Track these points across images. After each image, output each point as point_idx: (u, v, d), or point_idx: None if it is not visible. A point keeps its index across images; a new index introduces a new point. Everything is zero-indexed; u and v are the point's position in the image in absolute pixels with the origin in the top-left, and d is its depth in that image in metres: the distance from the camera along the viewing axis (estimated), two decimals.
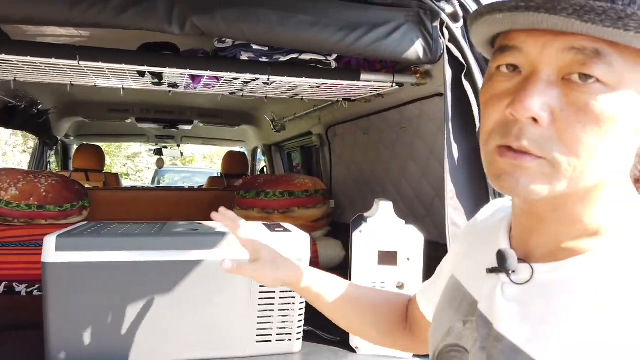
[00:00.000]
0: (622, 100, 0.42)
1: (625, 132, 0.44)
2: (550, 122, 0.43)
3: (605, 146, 0.43)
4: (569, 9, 0.40)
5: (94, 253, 1.04)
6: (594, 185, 0.46)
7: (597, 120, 0.42)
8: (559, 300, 0.46)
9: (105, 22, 1.00)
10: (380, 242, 1.21)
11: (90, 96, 2.64)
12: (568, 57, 0.43)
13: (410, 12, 1.19)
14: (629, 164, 0.48)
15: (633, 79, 0.42)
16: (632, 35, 0.39)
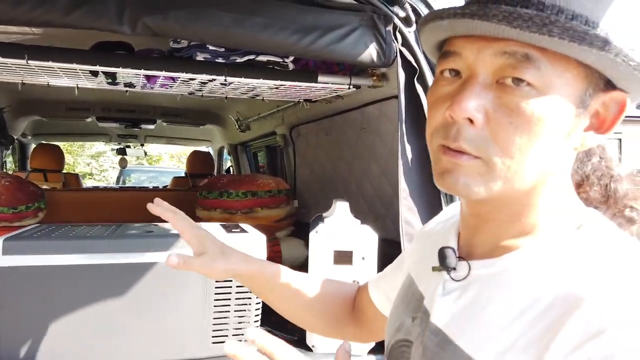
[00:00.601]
0: (551, 104, 0.45)
1: (555, 135, 0.46)
2: (484, 123, 0.46)
3: (537, 148, 0.45)
4: (499, 16, 0.43)
5: (43, 257, 1.02)
6: (531, 187, 0.48)
7: (527, 122, 0.44)
8: (488, 294, 0.49)
9: (54, 21, 0.98)
10: (336, 242, 1.23)
11: (47, 94, 2.56)
12: (501, 61, 0.45)
13: (365, 16, 1.21)
14: (565, 168, 0.51)
15: (562, 84, 0.45)
16: (557, 41, 0.42)
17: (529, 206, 0.50)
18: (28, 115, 3.02)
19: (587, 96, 0.46)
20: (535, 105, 0.44)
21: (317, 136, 2.33)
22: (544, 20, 0.42)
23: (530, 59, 0.44)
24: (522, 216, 0.50)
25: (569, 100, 0.45)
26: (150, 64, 1.22)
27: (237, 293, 1.16)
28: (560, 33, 0.42)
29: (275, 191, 2.21)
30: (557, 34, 0.42)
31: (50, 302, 1.03)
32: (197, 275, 1.13)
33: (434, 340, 0.52)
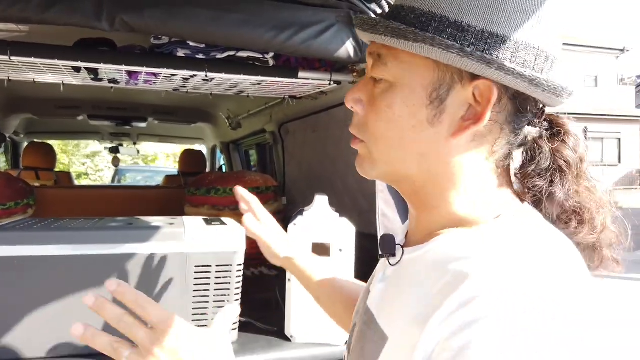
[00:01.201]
0: (400, 94, 0.52)
1: (410, 121, 0.52)
2: (364, 112, 0.56)
3: (394, 132, 0.53)
4: (359, 23, 0.54)
5: (24, 247, 1.05)
6: (423, 173, 0.54)
7: (382, 110, 0.53)
8: (409, 275, 0.54)
9: (31, 18, 1.00)
10: (313, 235, 1.26)
11: (36, 92, 2.58)
12: (370, 60, 0.55)
13: (341, 13, 1.24)
14: (468, 159, 0.53)
15: (409, 77, 0.52)
16: (382, 37, 0.51)
17: (444, 196, 0.54)
18: (19, 114, 3.04)
19: (444, 85, 0.51)
20: (387, 96, 0.53)
21: (304, 133, 2.35)
22: (374, 22, 0.51)
23: (380, 57, 0.53)
24: (442, 206, 0.54)
25: (418, 90, 0.51)
26: (131, 60, 1.25)
27: (216, 284, 1.18)
28: (383, 31, 0.50)
29: (263, 188, 2.23)
30: (382, 32, 0.50)
31: (31, 292, 1.06)
32: (176, 266, 1.16)
33: (364, 319, 0.58)
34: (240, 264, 1.20)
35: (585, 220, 0.54)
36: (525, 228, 0.50)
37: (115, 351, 0.52)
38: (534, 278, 0.43)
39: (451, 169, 0.53)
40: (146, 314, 0.54)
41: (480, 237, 0.49)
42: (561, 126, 0.56)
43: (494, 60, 0.47)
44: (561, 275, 0.44)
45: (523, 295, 0.41)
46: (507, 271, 0.43)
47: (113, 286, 0.55)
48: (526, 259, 0.45)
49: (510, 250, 0.46)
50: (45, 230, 1.10)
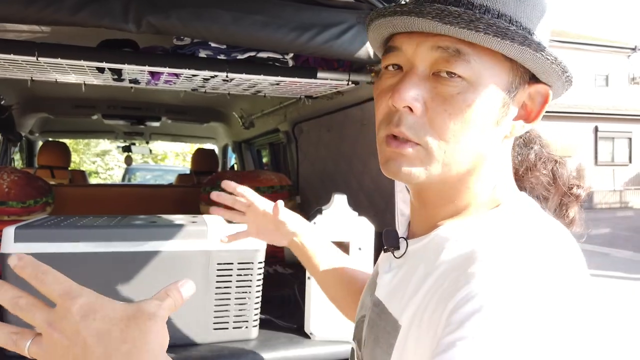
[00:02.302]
0: (480, 94, 0.50)
1: (484, 122, 0.51)
2: (423, 111, 0.51)
3: (468, 133, 0.51)
4: (432, 13, 0.48)
5: (52, 244, 1.07)
6: (466, 171, 0.53)
7: (459, 110, 0.50)
8: (415, 265, 0.55)
9: (61, 20, 1.03)
10: (333, 233, 1.27)
11: (55, 92, 2.62)
12: (436, 54, 0.50)
13: (362, 14, 1.25)
14: (497, 155, 0.55)
15: (489, 75, 0.50)
16: (482, 36, 0.47)
17: (463, 189, 0.55)
18: (36, 113, 3.08)
19: (513, 88, 0.52)
20: (466, 95, 0.50)
21: (318, 132, 2.37)
22: (470, 17, 0.47)
23: (460, 53, 0.49)
24: (456, 198, 0.55)
25: (496, 91, 0.51)
26: (154, 60, 1.27)
27: (238, 282, 1.20)
28: (485, 28, 0.47)
29: (278, 187, 2.26)
30: (483, 29, 0.47)
31: None
32: (199, 264, 1.18)
33: (375, 310, 0.59)
34: (261, 262, 1.22)
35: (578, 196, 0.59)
36: (524, 215, 0.52)
37: (15, 344, 0.42)
38: (537, 268, 0.44)
39: (493, 165, 0.54)
40: (47, 289, 0.43)
41: (482, 224, 0.51)
42: None
43: (560, 63, 0.50)
44: (557, 261, 0.46)
45: (527, 285, 0.43)
46: (510, 262, 0.44)
47: (14, 261, 0.43)
48: (524, 244, 0.46)
49: (509, 236, 0.47)
50: (73, 227, 1.12)
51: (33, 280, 0.43)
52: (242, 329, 1.22)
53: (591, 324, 0.44)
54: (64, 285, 0.43)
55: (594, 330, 0.44)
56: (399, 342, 0.52)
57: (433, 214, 0.57)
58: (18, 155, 3.80)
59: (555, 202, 0.61)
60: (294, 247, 0.94)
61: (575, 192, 0.62)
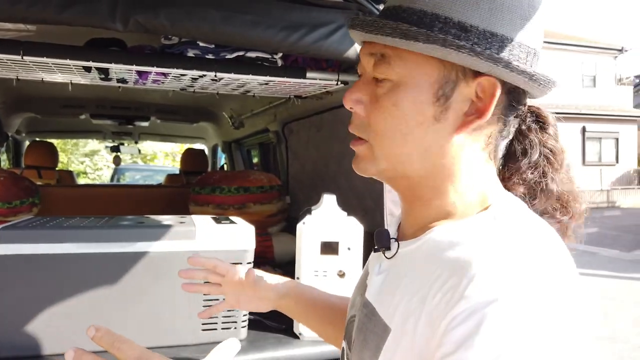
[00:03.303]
0: (406, 93, 0.53)
1: (416, 118, 0.54)
2: (365, 112, 0.57)
3: (402, 128, 0.54)
4: (360, 24, 0.54)
5: (38, 245, 1.06)
6: (431, 168, 0.55)
7: (388, 108, 0.54)
8: (406, 268, 0.56)
9: (48, 19, 1.01)
10: (322, 233, 1.27)
11: (42, 91, 2.59)
12: (371, 60, 0.56)
13: (351, 14, 1.25)
14: (466, 154, 0.55)
15: (415, 75, 0.53)
16: (390, 39, 0.52)
17: (441, 189, 0.56)
18: (22, 113, 3.04)
19: (449, 82, 0.53)
20: (392, 94, 0.54)
21: (308, 132, 2.36)
22: (379, 23, 0.52)
23: (384, 57, 0.54)
24: (437, 199, 0.56)
25: (425, 87, 0.53)
26: (142, 59, 1.26)
27: None
28: (391, 32, 0.51)
29: (268, 187, 2.25)
30: (389, 33, 0.51)
31: (44, 289, 1.07)
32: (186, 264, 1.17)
33: (364, 312, 0.59)
34: (250, 262, 1.22)
35: (569, 209, 0.57)
36: (516, 218, 0.52)
37: None
38: (529, 267, 0.45)
39: (451, 161, 0.55)
40: (124, 356, 0.54)
41: (475, 228, 0.51)
42: (544, 117, 0.60)
43: (501, 58, 0.51)
44: (553, 265, 0.47)
45: (521, 282, 0.43)
46: (503, 261, 0.45)
47: (92, 332, 0.55)
48: (520, 248, 0.47)
49: (505, 240, 0.48)
50: (59, 228, 1.11)
51: (111, 348, 0.54)
52: (231, 330, 1.22)
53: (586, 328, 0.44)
54: (137, 352, 0.54)
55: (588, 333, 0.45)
56: (388, 346, 0.52)
57: (420, 215, 0.58)
58: (5, 155, 3.74)
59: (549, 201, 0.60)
60: (282, 309, 0.91)
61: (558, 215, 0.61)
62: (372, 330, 0.56)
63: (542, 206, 0.57)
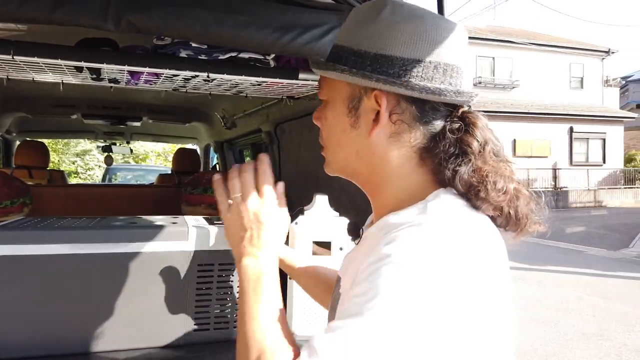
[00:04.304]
0: (331, 108, 0.71)
1: (341, 126, 0.69)
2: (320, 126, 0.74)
3: (335, 137, 0.71)
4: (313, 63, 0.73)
5: (29, 246, 1.05)
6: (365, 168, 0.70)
7: (325, 121, 0.72)
8: (363, 245, 0.71)
9: (39, 18, 1.01)
10: (315, 233, 1.28)
11: (33, 91, 2.57)
12: None
13: (343, 15, 1.26)
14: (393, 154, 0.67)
15: (335, 95, 0.70)
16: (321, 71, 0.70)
17: (380, 185, 0.69)
18: (13, 112, 3.01)
19: (356, 97, 0.68)
20: (325, 111, 0.72)
21: (300, 133, 2.37)
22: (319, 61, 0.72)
23: (319, 83, 0.73)
24: (382, 193, 0.69)
25: (340, 103, 0.69)
26: (134, 60, 1.26)
27: (219, 282, 1.20)
28: (323, 66, 0.69)
29: None
30: (323, 67, 0.69)
31: (35, 291, 1.06)
32: (179, 264, 1.17)
33: (337, 288, 0.75)
34: None
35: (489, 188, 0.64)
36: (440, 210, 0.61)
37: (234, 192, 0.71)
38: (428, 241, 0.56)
39: (381, 161, 0.68)
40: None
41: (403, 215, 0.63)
42: (471, 120, 0.68)
43: (375, 76, 0.64)
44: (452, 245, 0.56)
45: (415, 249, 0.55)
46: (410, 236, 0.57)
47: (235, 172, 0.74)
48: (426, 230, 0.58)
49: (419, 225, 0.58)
50: (50, 229, 1.10)
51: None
52: (224, 330, 1.22)
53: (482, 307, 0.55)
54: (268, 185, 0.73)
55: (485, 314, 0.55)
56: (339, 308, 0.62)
57: (379, 206, 0.71)
58: None
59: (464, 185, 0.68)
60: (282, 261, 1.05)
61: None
62: (335, 298, 0.72)
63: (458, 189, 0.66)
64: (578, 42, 19.13)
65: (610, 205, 16.25)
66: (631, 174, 17.82)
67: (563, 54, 17.86)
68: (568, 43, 18.46)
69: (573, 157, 17.33)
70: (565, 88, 17.90)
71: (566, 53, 17.93)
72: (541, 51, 17.45)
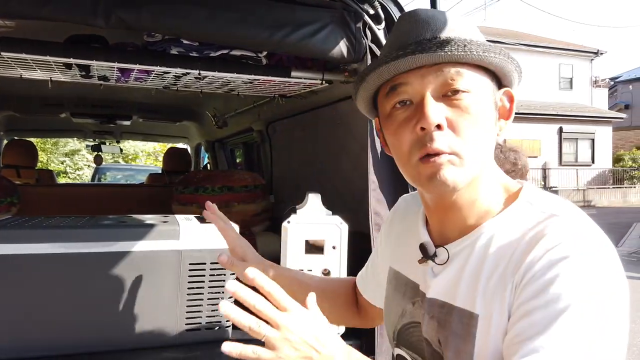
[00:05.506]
0: (481, 100, 0.62)
1: (489, 122, 0.63)
2: (448, 125, 0.60)
3: (483, 134, 0.62)
4: (434, 47, 0.59)
5: (16, 245, 1.03)
6: (481, 169, 0.63)
7: (474, 116, 0.61)
8: (464, 263, 0.64)
9: (27, 14, 0.99)
10: (307, 232, 1.27)
11: (21, 89, 2.53)
12: (440, 79, 0.61)
13: (335, 13, 1.25)
14: (491, 156, 0.66)
15: (482, 86, 0.62)
16: (475, 55, 0.59)
17: (477, 188, 0.64)
18: (0, 111, 2.97)
19: (495, 92, 0.64)
20: (472, 104, 0.61)
21: (292, 132, 2.36)
22: (461, 44, 0.59)
23: (459, 73, 0.61)
24: (475, 198, 0.64)
25: (488, 96, 0.63)
26: (124, 57, 1.24)
27: (211, 281, 1.19)
28: (476, 49, 0.59)
29: (252, 186, 2.24)
30: (475, 50, 0.59)
31: (23, 290, 1.05)
32: (170, 263, 1.16)
33: (442, 312, 0.65)
34: None
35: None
36: (545, 199, 0.62)
37: (258, 328, 0.56)
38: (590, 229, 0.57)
39: (488, 161, 0.65)
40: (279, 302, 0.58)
41: (522, 216, 0.60)
42: None
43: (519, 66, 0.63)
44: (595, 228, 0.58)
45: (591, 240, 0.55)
46: (562, 232, 0.55)
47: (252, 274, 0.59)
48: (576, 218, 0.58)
49: (553, 219, 0.57)
50: (38, 228, 1.08)
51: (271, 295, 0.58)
52: (215, 330, 1.21)
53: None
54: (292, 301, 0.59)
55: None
56: (481, 330, 0.59)
57: (461, 217, 0.65)
58: None
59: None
60: None
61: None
62: (457, 324, 0.62)
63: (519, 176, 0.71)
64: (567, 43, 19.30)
65: (599, 205, 16.40)
66: (620, 173, 18.01)
67: (552, 55, 18.00)
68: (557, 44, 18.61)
69: (562, 157, 17.47)
70: (555, 89, 18.04)
71: (555, 54, 18.07)
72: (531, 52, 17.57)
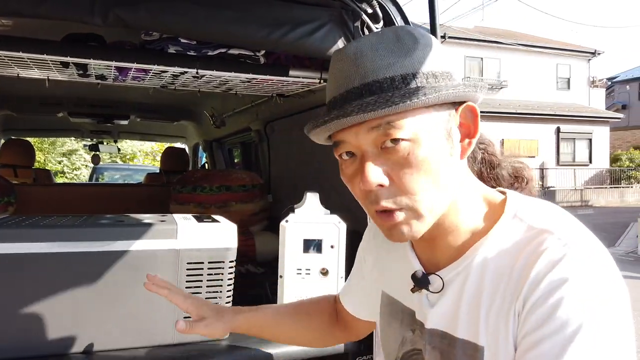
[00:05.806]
0: (425, 143, 0.58)
1: (440, 161, 0.59)
2: (391, 182, 0.59)
3: (432, 179, 0.58)
4: (355, 110, 0.56)
5: (13, 244, 1.03)
6: (453, 201, 0.62)
7: (417, 165, 0.58)
8: (460, 290, 0.62)
9: (24, 12, 0.99)
10: (305, 231, 1.27)
11: (18, 89, 2.52)
12: (374, 134, 0.58)
13: (334, 12, 1.25)
14: (466, 176, 0.64)
15: (425, 123, 0.58)
16: (401, 106, 0.55)
17: (457, 213, 0.63)
18: None
19: (449, 119, 0.60)
20: (415, 151, 0.58)
21: (291, 131, 2.36)
22: (384, 98, 0.56)
23: (390, 123, 0.57)
24: (459, 223, 0.63)
25: (437, 131, 0.59)
26: (121, 55, 1.24)
27: (208, 281, 1.18)
28: (399, 100, 0.55)
29: (250, 186, 2.23)
30: (398, 102, 0.55)
31: (21, 289, 1.04)
32: (168, 263, 1.16)
33: (444, 342, 0.63)
34: (232, 260, 1.21)
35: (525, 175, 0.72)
36: (531, 210, 0.61)
37: None
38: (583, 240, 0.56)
39: (460, 186, 0.63)
40: None
41: (510, 234, 0.59)
42: None
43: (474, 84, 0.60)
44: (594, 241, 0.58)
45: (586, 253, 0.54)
46: (558, 249, 0.54)
47: None
48: (567, 230, 0.56)
49: (551, 227, 0.56)
50: (35, 227, 1.08)
51: None
52: None
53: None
54: None
55: None
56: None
57: (450, 241, 0.64)
58: None
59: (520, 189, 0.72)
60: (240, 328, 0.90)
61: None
62: (462, 354, 0.60)
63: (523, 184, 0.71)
64: (565, 43, 19.36)
65: (596, 205, 16.43)
66: (617, 173, 18.07)
67: (550, 55, 18.05)
68: (555, 44, 18.66)
69: (560, 157, 17.52)
70: (552, 89, 18.09)
71: (553, 54, 18.12)
72: (529, 52, 17.61)
